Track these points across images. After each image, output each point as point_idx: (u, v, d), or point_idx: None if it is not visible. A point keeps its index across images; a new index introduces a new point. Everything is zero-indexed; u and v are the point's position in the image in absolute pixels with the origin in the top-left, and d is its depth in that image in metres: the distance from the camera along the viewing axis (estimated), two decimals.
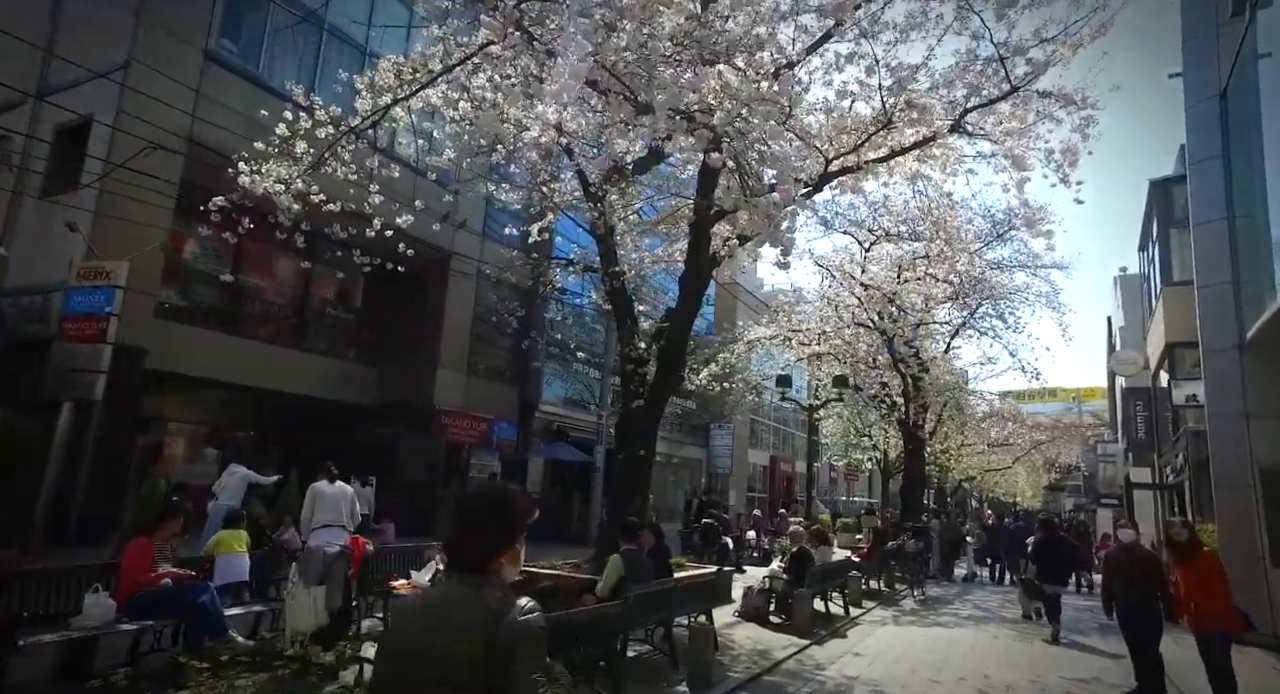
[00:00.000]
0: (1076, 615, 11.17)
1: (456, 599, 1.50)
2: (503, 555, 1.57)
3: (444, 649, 1.44)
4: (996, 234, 16.75)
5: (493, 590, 1.51)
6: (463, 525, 1.60)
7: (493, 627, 1.43)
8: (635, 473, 9.22)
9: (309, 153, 6.63)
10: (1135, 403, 18.26)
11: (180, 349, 11.64)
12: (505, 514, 1.61)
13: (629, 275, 9.95)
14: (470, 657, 1.41)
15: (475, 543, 1.56)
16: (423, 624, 1.50)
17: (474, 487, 2.09)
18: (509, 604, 1.47)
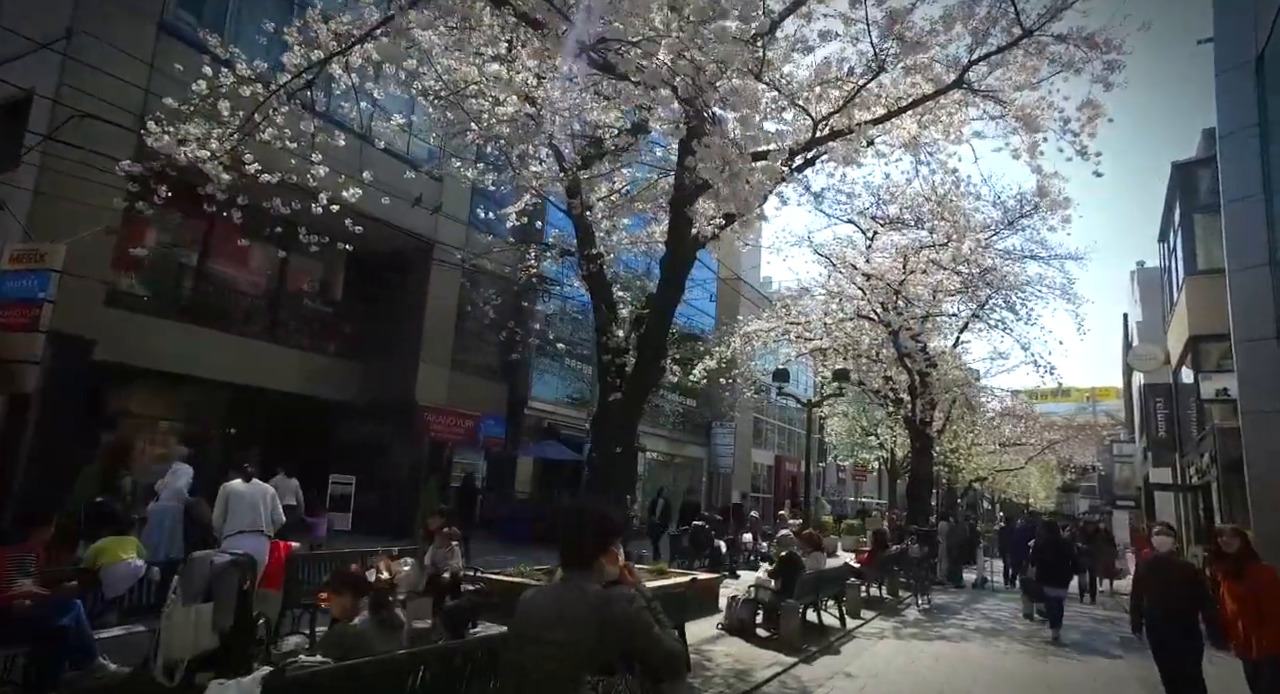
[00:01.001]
0: (1095, 627, 10.35)
1: (566, 595, 1.85)
2: (603, 556, 1.97)
3: (558, 637, 1.77)
4: (1007, 221, 15.92)
5: (595, 585, 1.88)
6: (570, 534, 1.97)
7: (602, 619, 1.77)
8: (612, 472, 8.51)
9: (237, 115, 5.97)
10: (1155, 400, 17.34)
11: (142, 342, 11.03)
12: (603, 524, 2.03)
13: (608, 259, 9.26)
14: (580, 640, 1.76)
15: (582, 547, 1.94)
16: (545, 615, 1.85)
17: (575, 503, 2.78)
18: (607, 596, 1.85)
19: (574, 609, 1.84)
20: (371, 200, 13.61)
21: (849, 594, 9.58)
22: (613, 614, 1.82)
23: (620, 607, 1.86)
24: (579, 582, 1.92)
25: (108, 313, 9.99)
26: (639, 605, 1.90)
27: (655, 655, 1.88)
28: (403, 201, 13.86)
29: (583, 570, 1.96)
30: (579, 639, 1.79)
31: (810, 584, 7.85)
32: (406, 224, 14.20)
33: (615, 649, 1.81)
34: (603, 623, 1.80)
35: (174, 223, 11.82)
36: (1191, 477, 14.87)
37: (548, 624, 1.86)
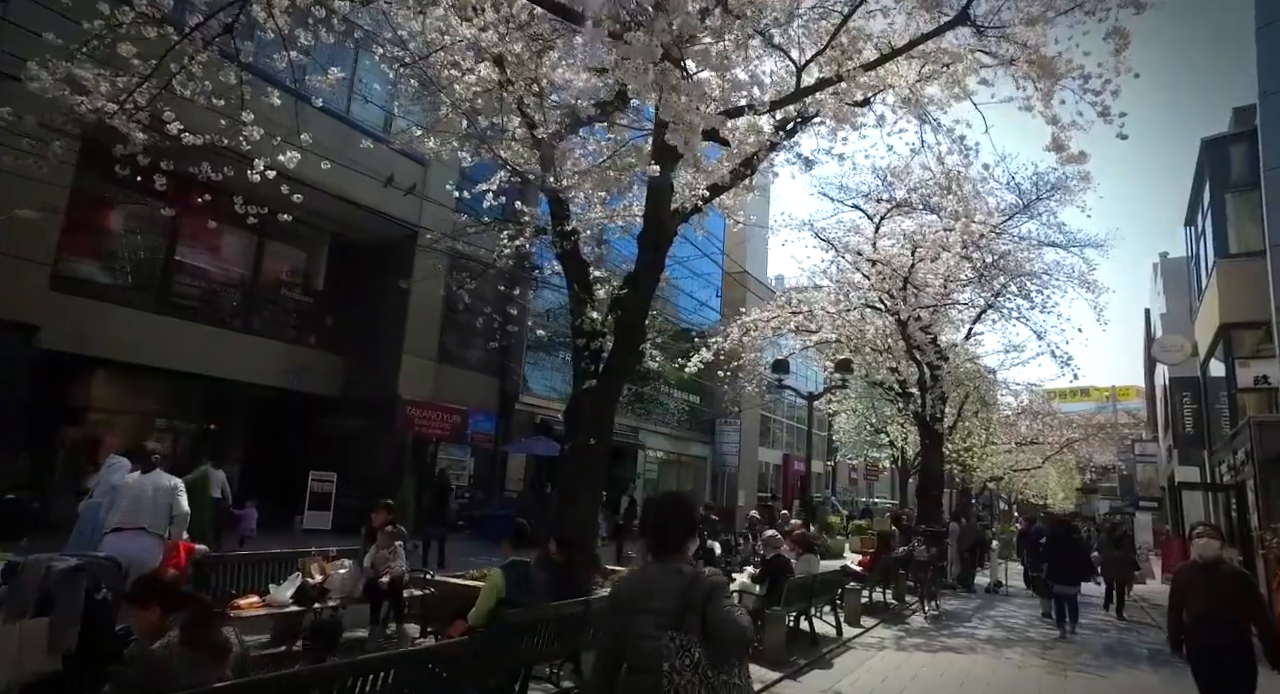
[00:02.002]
0: (1120, 637, 9.49)
1: (660, 573, 2.17)
2: (688, 540, 2.26)
3: (651, 605, 2.10)
4: (1023, 205, 15.03)
5: (685, 563, 2.19)
6: (660, 523, 2.26)
7: (687, 586, 2.08)
8: (584, 467, 7.80)
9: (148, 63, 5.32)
10: (1182, 394, 16.34)
11: (101, 330, 10.49)
12: (688, 514, 2.34)
13: (584, 235, 8.54)
14: (671, 608, 2.07)
15: (670, 535, 2.23)
16: (638, 591, 2.19)
17: (663, 495, 2.69)
18: (696, 571, 2.15)
19: (666, 584, 2.10)
20: (357, 186, 13.17)
21: (848, 600, 8.81)
22: (699, 586, 2.07)
23: (704, 581, 2.10)
24: (670, 562, 2.18)
25: (55, 298, 9.43)
26: (721, 581, 2.15)
27: (722, 624, 2.03)
28: (390, 188, 13.37)
29: (672, 553, 2.20)
30: (667, 607, 2.06)
31: (800, 590, 7.09)
32: (388, 209, 13.61)
33: (695, 612, 2.03)
34: (689, 593, 2.05)
35: (131, 201, 11.25)
36: (1222, 475, 13.91)
37: (643, 596, 2.14)
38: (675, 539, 2.22)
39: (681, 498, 2.55)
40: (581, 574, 5.09)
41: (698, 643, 2.00)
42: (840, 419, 23.32)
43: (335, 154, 12.27)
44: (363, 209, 13.04)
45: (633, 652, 2.11)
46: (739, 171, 8.10)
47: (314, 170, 12.61)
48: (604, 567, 8.22)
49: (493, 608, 4.08)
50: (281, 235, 14.25)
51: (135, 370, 11.91)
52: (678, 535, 2.22)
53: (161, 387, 13.05)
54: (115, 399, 12.66)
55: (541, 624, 4.35)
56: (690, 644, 2.00)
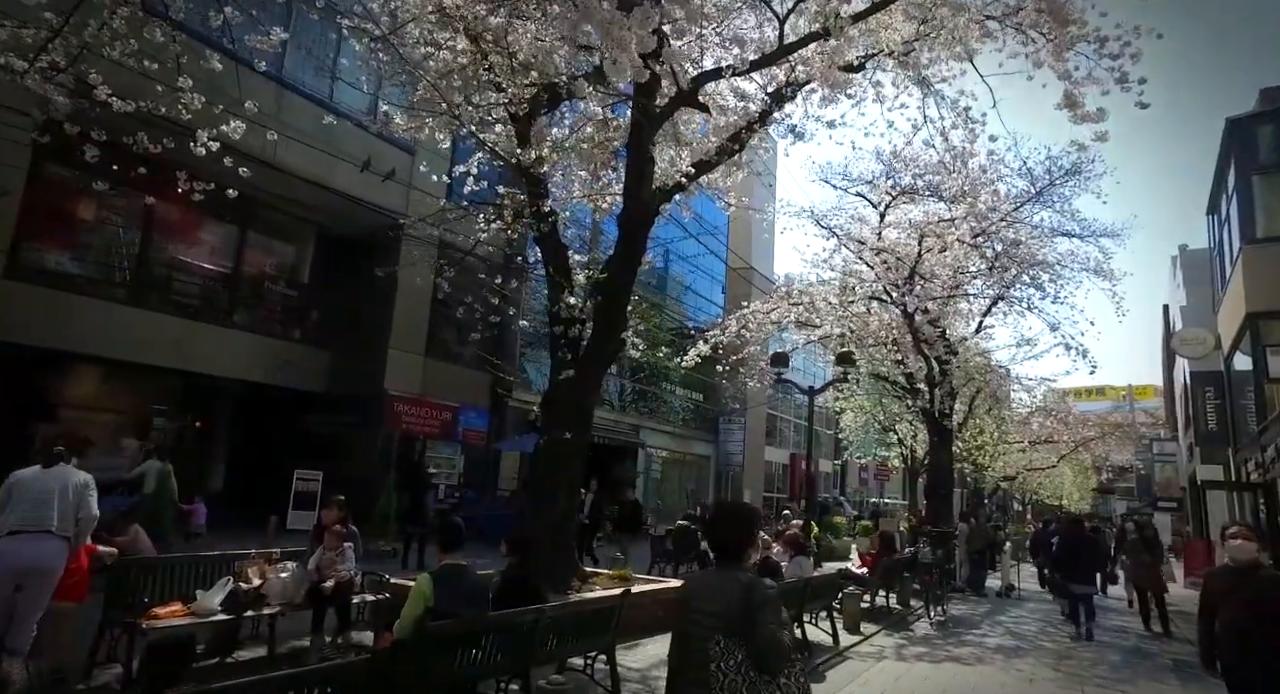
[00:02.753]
0: (1140, 645, 8.85)
1: (722, 577, 2.31)
2: (749, 548, 2.42)
3: (711, 608, 2.23)
4: (1035, 191, 14.39)
5: (744, 571, 2.32)
6: (723, 530, 2.43)
7: (743, 593, 2.19)
8: (560, 463, 7.31)
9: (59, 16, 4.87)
10: (1204, 389, 15.58)
11: (66, 322, 10.11)
12: (750, 521, 2.47)
13: (563, 216, 8.04)
14: (726, 612, 2.19)
15: (732, 541, 2.38)
16: (700, 593, 2.33)
17: (727, 505, 3.17)
18: (753, 579, 2.27)
19: (726, 588, 2.26)
20: (341, 175, 12.74)
21: (846, 605, 8.25)
22: (753, 595, 2.20)
23: (758, 591, 2.22)
24: (731, 569, 2.34)
25: (13, 288, 9.05)
26: (774, 595, 2.25)
27: (762, 642, 2.13)
28: (373, 177, 12.95)
29: (734, 560, 2.37)
30: (722, 611, 2.21)
31: (791, 595, 6.53)
32: (373, 198, 13.19)
33: (746, 620, 2.16)
34: (743, 599, 2.18)
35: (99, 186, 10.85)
36: (1249, 473, 13.18)
37: (703, 599, 2.30)
38: (736, 547, 2.38)
39: (744, 509, 2.63)
40: (539, 580, 4.57)
41: (742, 646, 2.14)
42: (847, 417, 22.63)
43: (318, 142, 11.98)
44: (346, 198, 12.60)
45: (689, 650, 2.28)
46: (727, 147, 7.58)
47: (295, 158, 12.25)
48: (583, 569, 7.72)
49: (419, 618, 3.58)
50: (265, 226, 13.88)
51: (108, 365, 11.55)
52: (739, 544, 2.39)
53: (137, 382, 12.68)
54: (87, 395, 12.30)
55: (483, 636, 3.84)
56: (735, 647, 2.15)
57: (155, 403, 13.33)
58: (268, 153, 12.02)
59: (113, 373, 12.23)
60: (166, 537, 7.80)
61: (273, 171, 11.79)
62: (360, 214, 13.46)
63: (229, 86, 5.99)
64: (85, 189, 10.76)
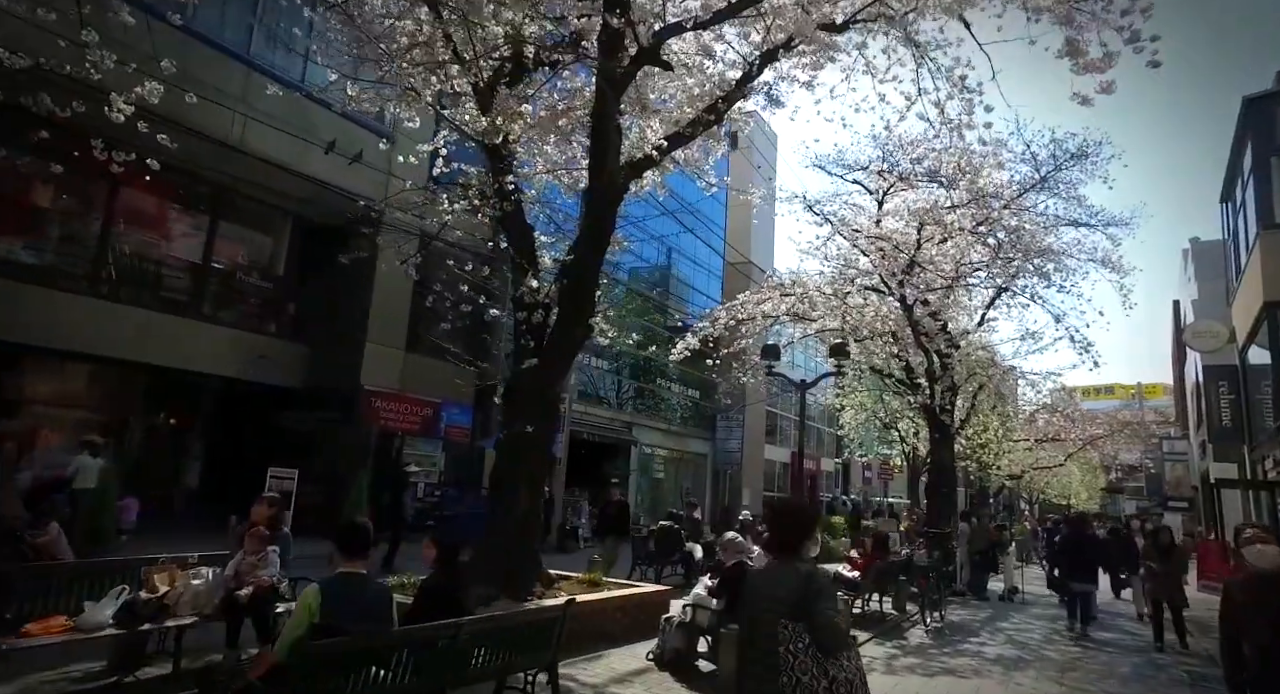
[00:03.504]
0: (1153, 658, 8.23)
1: (782, 569, 2.52)
2: (806, 541, 2.63)
3: (776, 595, 2.44)
4: (1039, 177, 13.74)
5: (803, 562, 2.56)
6: (782, 524, 2.65)
7: (803, 582, 2.42)
8: (522, 458, 6.78)
9: None
10: (1218, 384, 14.94)
11: (21, 314, 9.65)
12: (808, 518, 2.73)
13: (528, 196, 7.51)
14: (789, 599, 2.40)
15: (790, 537, 2.59)
16: (765, 583, 2.55)
17: (784, 503, 3.03)
18: (812, 569, 2.52)
19: (786, 579, 2.47)
20: (315, 161, 12.22)
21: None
22: (813, 583, 2.43)
23: (817, 579, 2.46)
24: (791, 560, 2.55)
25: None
26: (828, 585, 2.50)
27: (821, 627, 2.36)
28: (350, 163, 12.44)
29: (793, 553, 2.57)
30: (786, 598, 2.42)
31: None
32: (349, 185, 12.67)
33: (803, 606, 2.38)
34: (804, 587, 2.41)
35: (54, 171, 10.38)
36: (1266, 471, 12.54)
37: (767, 588, 2.51)
38: (794, 541, 2.57)
39: (801, 506, 2.89)
40: (468, 590, 4.03)
41: (807, 631, 2.36)
42: (847, 414, 22.03)
43: (290, 127, 11.48)
44: (315, 183, 12.09)
45: (758, 636, 2.47)
46: (703, 118, 7.04)
47: (266, 144, 11.73)
48: (548, 572, 7.19)
49: (302, 637, 3.05)
50: (237, 215, 13.41)
51: (68, 358, 11.09)
52: (796, 538, 2.58)
53: (101, 377, 12.22)
54: (47, 392, 11.85)
55: (393, 655, 3.32)
56: (802, 631, 2.36)
57: (122, 399, 12.87)
58: (258, 149, 11.60)
59: (76, 368, 11.78)
60: (105, 538, 7.33)
61: (240, 156, 11.34)
62: (336, 202, 12.96)
63: (147, 46, 5.45)
64: (37, 173, 10.34)
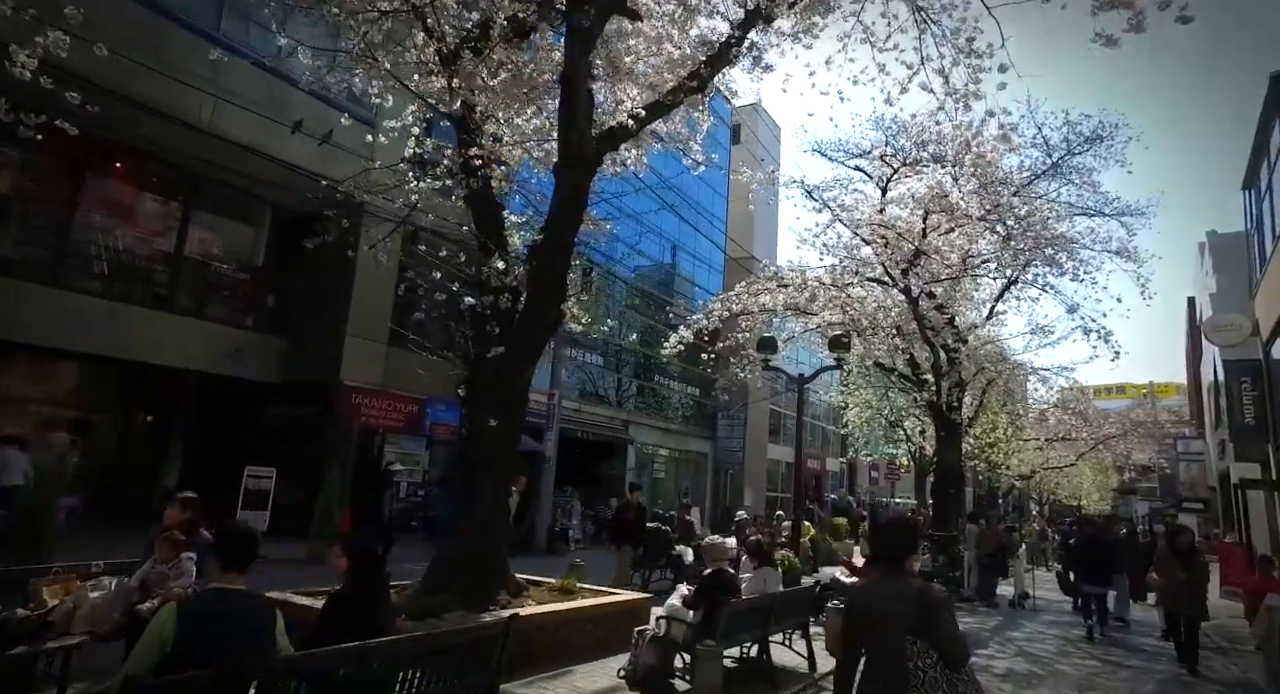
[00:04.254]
0: (1178, 673, 7.57)
1: (893, 585, 2.53)
2: (911, 555, 2.71)
3: (890, 608, 2.47)
4: (1052, 162, 13.07)
5: (912, 576, 2.62)
6: (890, 539, 2.66)
7: (919, 596, 2.45)
8: (486, 454, 6.23)
9: None
10: (1240, 380, 14.20)
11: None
12: (912, 531, 2.82)
13: (496, 171, 6.95)
14: (905, 612, 2.43)
15: (896, 551, 2.61)
16: (879, 597, 2.53)
17: (892, 517, 3.17)
18: (923, 585, 2.56)
19: (901, 593, 2.49)
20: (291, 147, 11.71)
21: (830, 621, 7.08)
22: (930, 597, 2.47)
23: (934, 593, 2.53)
24: (899, 574, 2.56)
25: None
26: (943, 598, 2.54)
27: (944, 639, 2.40)
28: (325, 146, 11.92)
29: (899, 567, 2.58)
30: (907, 613, 2.43)
31: (750, 615, 5.40)
32: (324, 169, 12.15)
33: (924, 623, 2.40)
34: (921, 602, 2.44)
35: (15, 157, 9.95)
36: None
37: (884, 602, 2.51)
38: (901, 554, 2.62)
39: (905, 520, 3.11)
40: (387, 607, 3.46)
41: (932, 646, 2.41)
42: (851, 412, 21.38)
43: (263, 109, 10.98)
44: (287, 167, 11.57)
45: (877, 649, 2.50)
46: (685, 85, 6.47)
47: (237, 127, 11.21)
48: (517, 579, 6.63)
49: (157, 664, 2.49)
50: (212, 203, 12.94)
51: (31, 352, 10.62)
52: (903, 551, 2.63)
53: (67, 372, 11.76)
54: (28, 387, 11.40)
55: (280, 685, 2.76)
56: (929, 647, 2.41)
57: (92, 394, 12.41)
58: (234, 134, 11.12)
59: (41, 362, 11.32)
60: (42, 540, 6.82)
61: (211, 140, 10.85)
62: (314, 189, 12.46)
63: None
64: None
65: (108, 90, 9.35)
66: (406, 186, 7.73)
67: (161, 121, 9.98)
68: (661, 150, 8.35)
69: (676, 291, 24.45)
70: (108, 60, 5.09)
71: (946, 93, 7.33)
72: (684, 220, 22.42)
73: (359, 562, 3.37)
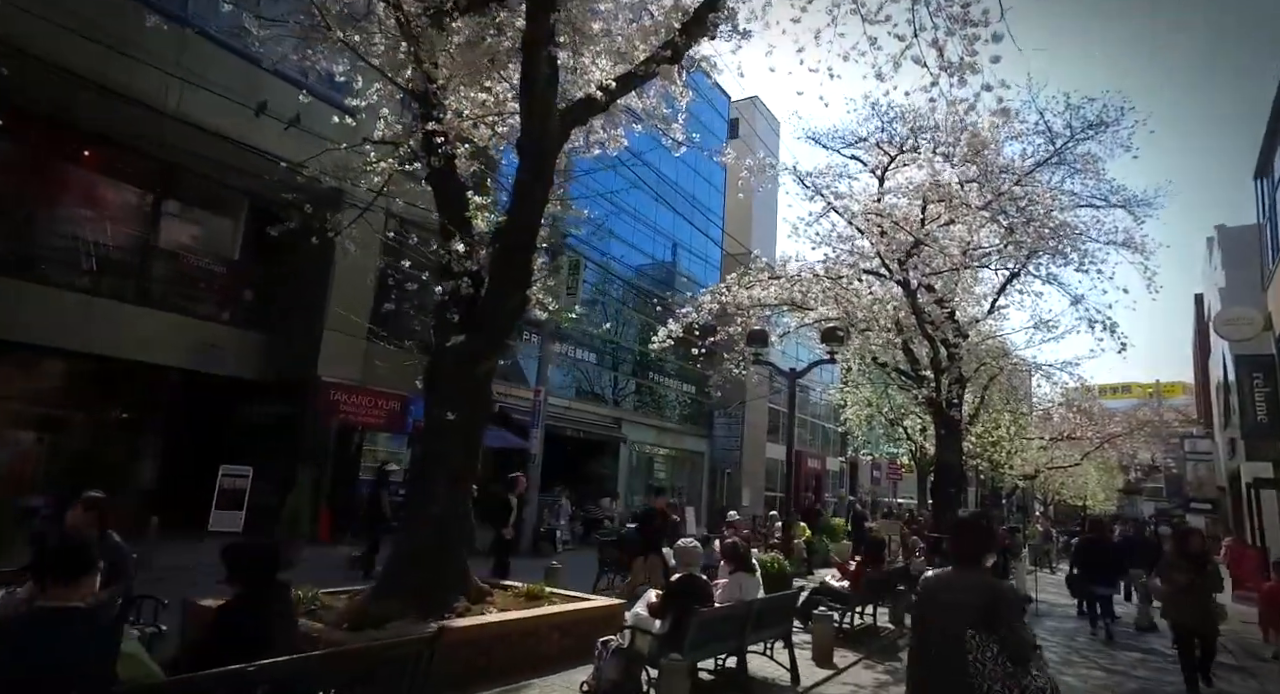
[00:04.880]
0: None
1: (963, 577, 2.67)
2: (987, 553, 2.77)
3: (962, 601, 2.57)
4: (1055, 149, 12.59)
5: (985, 573, 2.70)
6: (965, 537, 2.78)
7: (990, 590, 2.57)
8: (443, 449, 5.80)
9: None
10: (1252, 376, 13.67)
11: None
12: (989, 531, 2.86)
13: (460, 150, 6.51)
14: (976, 604, 2.53)
15: (972, 549, 2.73)
16: (946, 587, 2.68)
17: (967, 516, 3.04)
18: (994, 581, 2.68)
19: (971, 588, 2.60)
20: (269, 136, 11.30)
21: (817, 628, 6.65)
22: (998, 592, 2.59)
23: (1003, 589, 2.66)
24: (973, 570, 2.68)
25: None
26: (1014, 597, 2.71)
27: (1010, 636, 2.49)
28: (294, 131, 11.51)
29: (975, 563, 2.72)
30: (973, 607, 2.54)
31: (725, 623, 4.95)
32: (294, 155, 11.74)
33: (991, 618, 2.50)
34: (988, 596, 2.55)
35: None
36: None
37: (951, 594, 2.64)
38: (976, 552, 2.74)
39: (981, 520, 3.01)
40: (284, 620, 3.03)
41: (995, 640, 2.50)
42: (849, 410, 20.90)
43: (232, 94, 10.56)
44: (252, 152, 11.13)
45: (940, 642, 2.61)
46: (659, 55, 6.03)
47: (211, 114, 10.77)
48: (480, 584, 6.19)
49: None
50: (185, 195, 12.54)
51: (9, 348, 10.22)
52: (979, 549, 2.74)
53: (38, 368, 11.36)
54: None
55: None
56: (990, 641, 2.50)
57: (63, 391, 12.00)
58: (208, 121, 10.70)
59: (6, 357, 10.92)
60: None
61: (179, 126, 10.45)
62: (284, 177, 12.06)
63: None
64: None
65: (72, 73, 9.00)
66: (369, 168, 7.31)
67: (127, 106, 9.58)
68: (640, 131, 7.89)
69: (674, 288, 24.03)
70: (70, 40, 4.69)
71: (941, 67, 6.86)
72: (679, 214, 21.98)
73: (240, 569, 2.93)
